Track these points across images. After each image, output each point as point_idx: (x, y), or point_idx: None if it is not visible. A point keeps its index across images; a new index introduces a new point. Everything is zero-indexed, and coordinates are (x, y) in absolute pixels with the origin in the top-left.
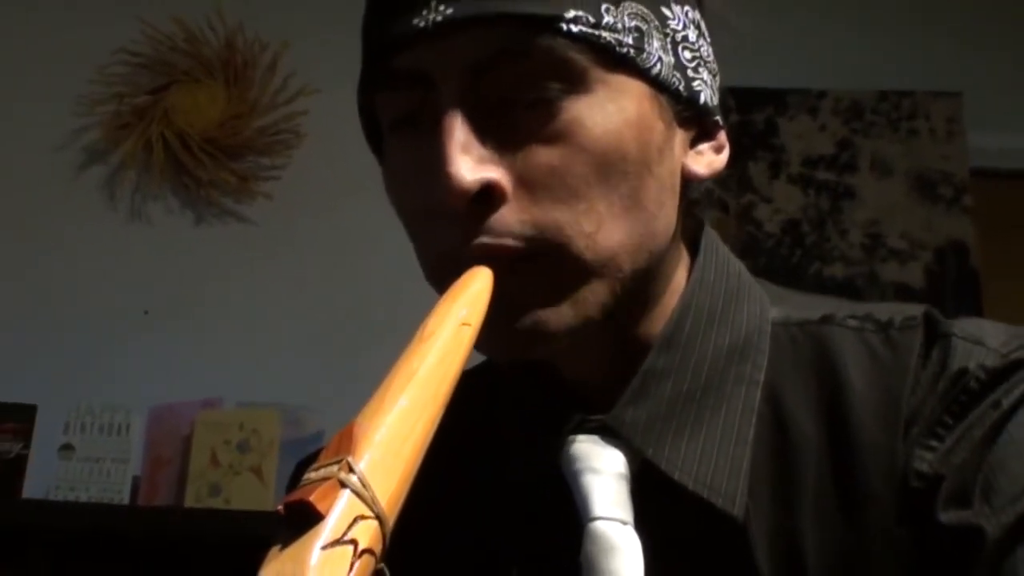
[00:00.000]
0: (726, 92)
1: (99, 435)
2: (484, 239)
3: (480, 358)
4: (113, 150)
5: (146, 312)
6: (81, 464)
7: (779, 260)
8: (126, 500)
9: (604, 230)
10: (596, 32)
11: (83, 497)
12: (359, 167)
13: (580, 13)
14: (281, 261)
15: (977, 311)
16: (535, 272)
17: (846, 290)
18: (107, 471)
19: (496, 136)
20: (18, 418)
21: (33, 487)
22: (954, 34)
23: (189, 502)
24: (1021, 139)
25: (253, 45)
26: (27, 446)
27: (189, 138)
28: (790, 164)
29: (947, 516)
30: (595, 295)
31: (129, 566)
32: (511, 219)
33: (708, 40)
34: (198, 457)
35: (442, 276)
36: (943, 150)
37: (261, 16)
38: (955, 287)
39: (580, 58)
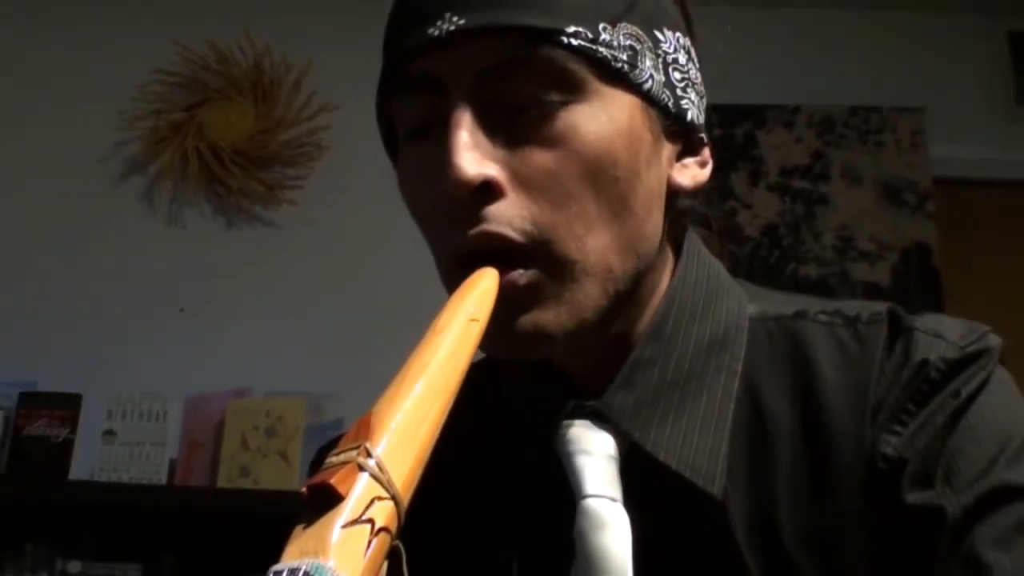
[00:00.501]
0: (710, 108)
1: (139, 421)
2: (484, 227)
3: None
4: (152, 161)
5: (182, 309)
6: (122, 448)
7: (759, 261)
8: (164, 480)
9: (593, 233)
10: (593, 47)
11: (124, 478)
12: (375, 177)
13: (579, 29)
14: (305, 262)
15: (939, 307)
16: (532, 269)
17: (820, 288)
18: (146, 454)
19: (499, 137)
20: (65, 406)
21: (79, 469)
22: (917, 55)
23: (221, 482)
24: (979, 150)
25: (279, 66)
26: (73, 432)
27: (221, 150)
28: (768, 173)
29: (911, 496)
30: (589, 298)
31: (166, 541)
32: (509, 212)
33: (697, 65)
34: (229, 441)
35: (452, 275)
36: (908, 160)
37: (286, 40)
38: (919, 285)
39: (578, 69)
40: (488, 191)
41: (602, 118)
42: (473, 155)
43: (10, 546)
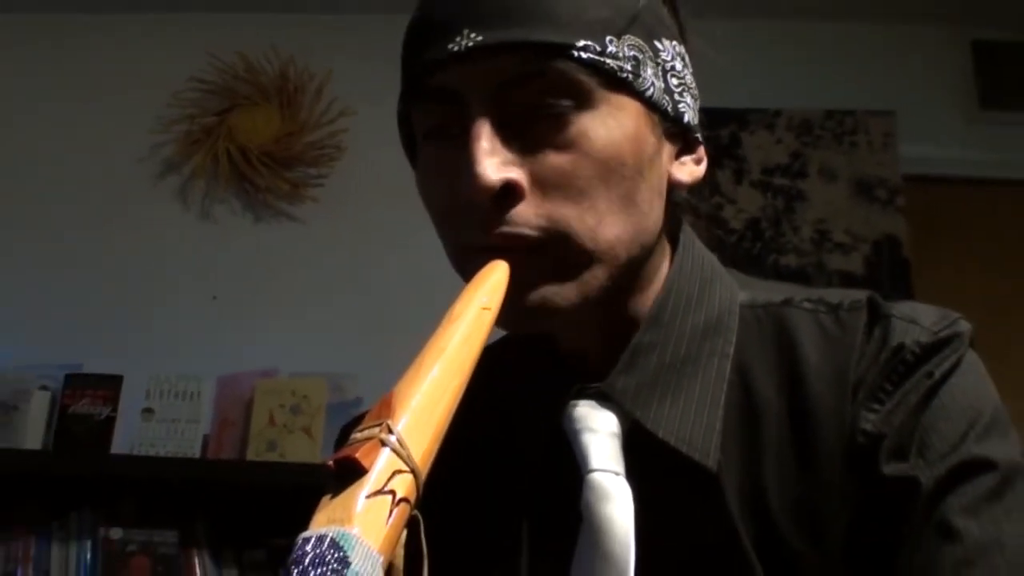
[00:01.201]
0: (704, 113)
1: (175, 400)
2: (504, 229)
3: (496, 336)
4: (186, 162)
5: (214, 297)
6: (160, 424)
7: (743, 252)
8: (197, 454)
9: (604, 224)
10: (601, 59)
11: (161, 452)
12: (390, 176)
13: (588, 43)
14: (326, 254)
15: (908, 294)
16: (545, 258)
17: (798, 277)
18: (181, 430)
19: (516, 143)
20: (107, 386)
21: (120, 444)
22: (888, 63)
23: (250, 456)
24: (945, 150)
25: (302, 75)
26: (115, 410)
27: (249, 152)
28: (751, 172)
29: (888, 468)
30: (596, 278)
31: (200, 510)
32: (528, 213)
33: (691, 70)
34: (257, 418)
35: (465, 265)
36: (879, 159)
37: (309, 51)
38: (890, 274)
39: (587, 80)
40: (508, 194)
41: (610, 123)
42: (493, 161)
43: (57, 515)
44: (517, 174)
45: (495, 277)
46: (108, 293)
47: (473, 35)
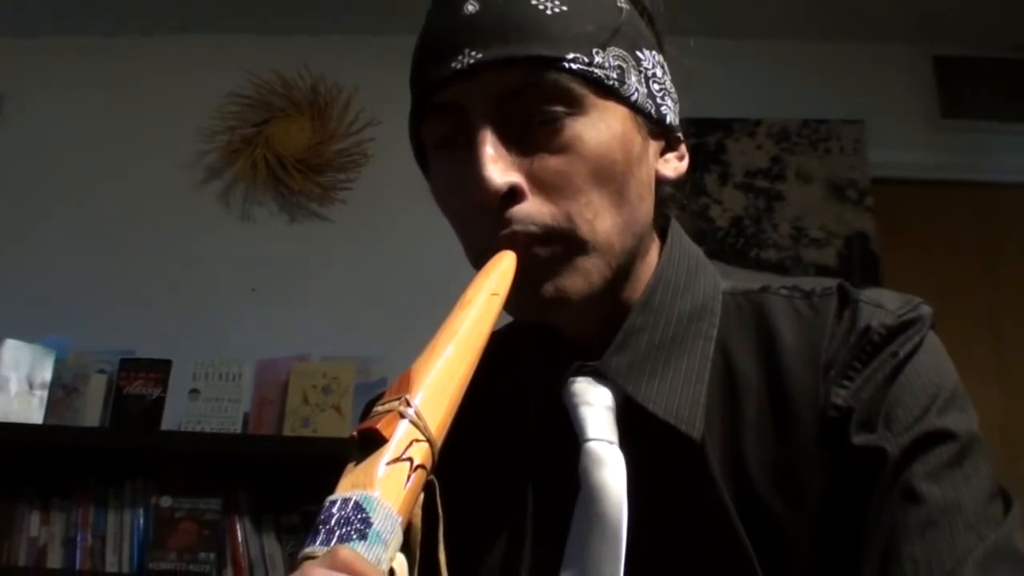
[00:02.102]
0: (687, 122)
1: (218, 382)
2: (512, 228)
3: (504, 321)
4: (227, 168)
5: (253, 289)
6: (205, 404)
7: (727, 247)
8: (239, 430)
9: (600, 218)
10: (589, 69)
11: (206, 428)
12: (411, 180)
13: (577, 55)
14: (354, 250)
15: (877, 284)
16: (550, 250)
17: (777, 269)
18: (224, 409)
19: (516, 149)
20: (157, 370)
21: (169, 421)
22: (858, 76)
23: (286, 431)
24: (909, 155)
25: (332, 90)
26: (164, 391)
27: (284, 159)
28: (735, 175)
29: (857, 439)
30: (597, 268)
31: (241, 480)
32: (531, 211)
33: (670, 76)
34: (293, 398)
35: (480, 259)
36: (850, 163)
37: (338, 68)
38: (860, 266)
39: (578, 88)
40: (513, 195)
41: (600, 127)
42: (497, 167)
43: (112, 485)
44: (519, 177)
45: (503, 265)
46: (158, 286)
47: (473, 53)
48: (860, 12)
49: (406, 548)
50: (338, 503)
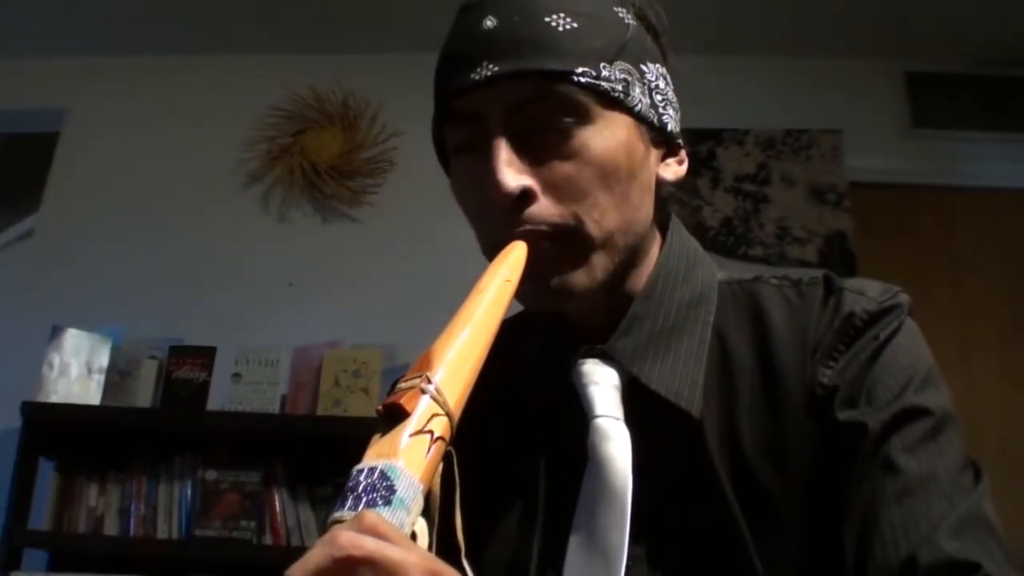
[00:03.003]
0: (683, 131)
1: (258, 367)
2: (525, 226)
3: (516, 309)
4: (267, 174)
5: (290, 284)
6: (246, 386)
7: (718, 245)
8: (277, 410)
9: (605, 218)
10: (597, 82)
11: (247, 409)
12: (432, 184)
13: (586, 69)
14: (381, 247)
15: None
16: (560, 249)
17: (764, 265)
18: (264, 391)
19: (529, 155)
20: (203, 356)
21: (214, 403)
22: (836, 90)
23: (320, 411)
24: (883, 162)
25: (360, 103)
26: (209, 375)
27: (318, 166)
28: (725, 179)
29: (841, 415)
30: (601, 263)
31: (279, 456)
32: (542, 212)
33: (672, 88)
34: (326, 381)
35: (492, 250)
36: (829, 169)
37: (366, 85)
38: (839, 263)
39: (586, 99)
40: (525, 197)
41: (606, 135)
42: (511, 170)
43: (163, 460)
44: (531, 180)
45: (514, 255)
46: (204, 281)
47: (491, 66)
48: (838, 31)
49: (427, 513)
50: (365, 472)
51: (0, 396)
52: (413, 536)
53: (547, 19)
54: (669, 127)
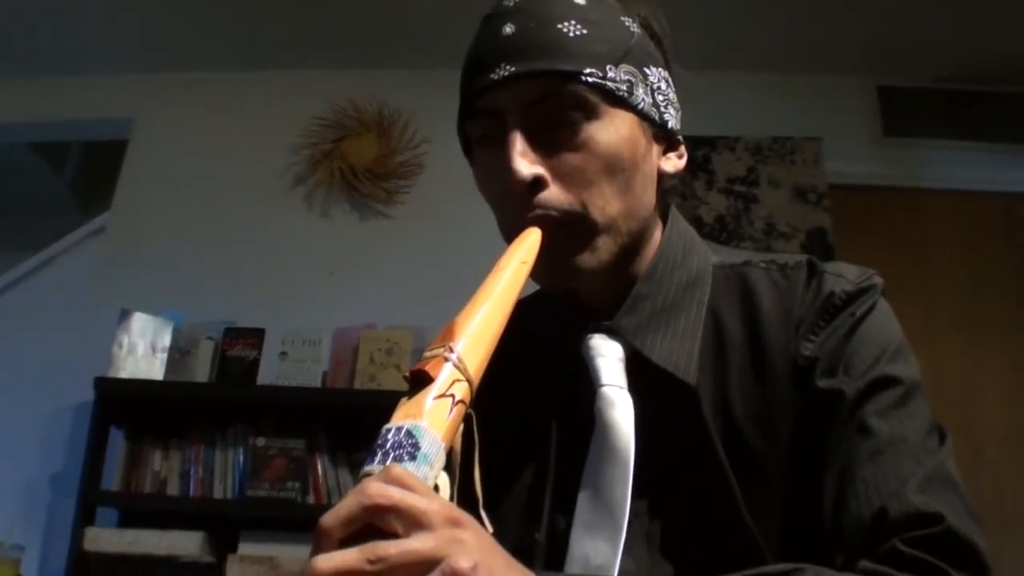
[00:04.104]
0: (684, 138)
1: (302, 346)
2: (537, 211)
3: (532, 288)
4: (311, 176)
5: (331, 273)
6: (292, 364)
7: (713, 239)
8: (319, 385)
9: (609, 204)
10: (603, 82)
11: (293, 383)
12: (457, 184)
13: (593, 70)
14: (412, 240)
15: None
16: (569, 232)
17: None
18: (307, 368)
19: (541, 147)
20: (254, 337)
21: (263, 378)
22: (816, 102)
23: (357, 386)
24: (858, 166)
25: (394, 113)
26: (259, 353)
27: (356, 169)
28: (719, 181)
29: (821, 383)
30: (607, 246)
31: (321, 425)
32: (552, 198)
33: (673, 89)
34: (362, 358)
35: (509, 234)
36: (811, 172)
37: (399, 97)
38: (819, 256)
39: (593, 98)
40: (538, 184)
41: (611, 130)
42: (525, 160)
43: (219, 429)
44: (543, 170)
45: (530, 239)
46: (255, 270)
47: (508, 67)
48: (818, 51)
49: (448, 468)
50: (392, 430)
51: (76, 373)
52: (436, 488)
53: (559, 26)
54: (670, 124)
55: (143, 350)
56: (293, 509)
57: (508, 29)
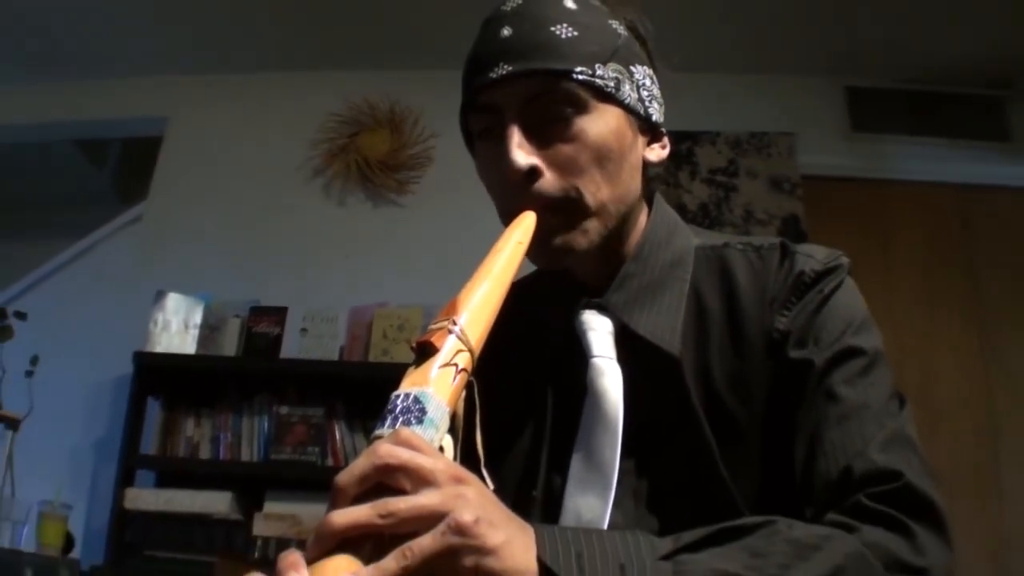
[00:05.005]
0: (668, 132)
1: (321, 323)
2: (532, 197)
3: (528, 269)
4: (328, 168)
5: (347, 256)
6: (312, 339)
7: (696, 225)
8: (336, 358)
9: (599, 191)
10: (592, 79)
11: (313, 357)
12: (463, 175)
13: (583, 69)
14: (422, 226)
15: None
16: (562, 216)
17: None
18: (326, 343)
19: (536, 139)
20: (277, 315)
21: (286, 352)
22: (790, 100)
23: (371, 359)
24: (828, 158)
25: (405, 110)
26: (282, 330)
27: (370, 161)
28: (701, 172)
29: (793, 354)
30: (596, 228)
31: (338, 394)
32: (547, 186)
33: (658, 86)
34: (376, 334)
35: (507, 217)
36: (785, 164)
37: (409, 95)
38: (792, 240)
39: (584, 94)
40: (533, 173)
41: (600, 123)
42: (522, 151)
43: (246, 398)
44: (538, 160)
45: (526, 222)
46: (278, 255)
47: (506, 67)
48: (792, 53)
49: (452, 431)
50: (401, 396)
51: (116, 348)
52: (441, 449)
53: (552, 28)
54: (654, 118)
55: (176, 327)
56: (313, 471)
57: (506, 32)
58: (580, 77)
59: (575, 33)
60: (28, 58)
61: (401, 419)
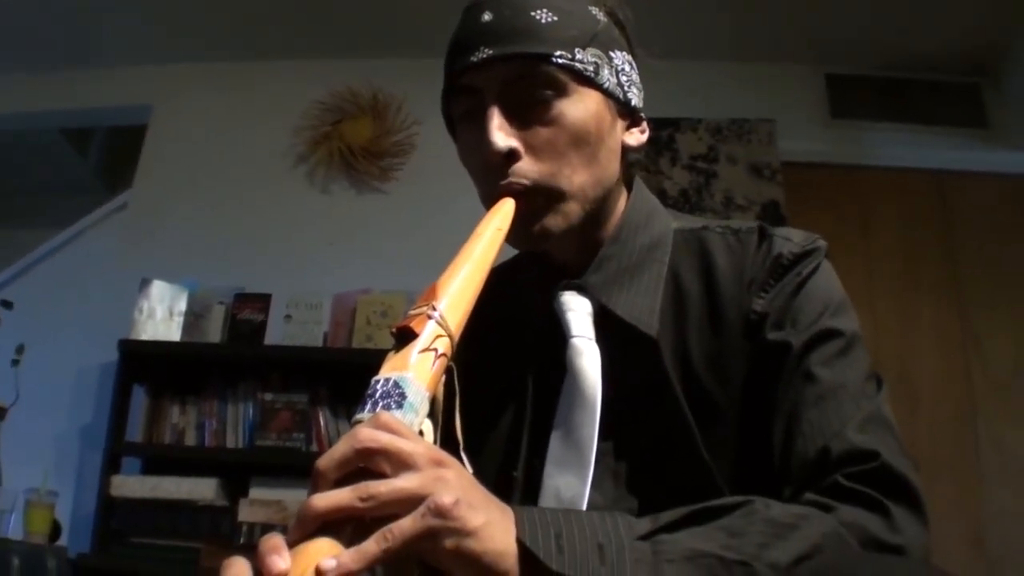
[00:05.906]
0: (649, 119)
1: (305, 309)
2: (511, 179)
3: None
4: (312, 155)
5: (330, 243)
6: (296, 325)
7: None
8: (320, 344)
9: (577, 174)
10: (572, 63)
11: (297, 343)
12: (445, 162)
13: (563, 52)
14: (404, 213)
15: None
16: (539, 199)
17: None
18: (310, 329)
19: (516, 122)
20: (261, 301)
21: (270, 338)
22: (770, 87)
23: (355, 344)
24: (807, 145)
25: (387, 98)
26: (266, 316)
27: (353, 148)
28: (682, 158)
29: (771, 335)
30: (573, 211)
31: (322, 380)
32: (525, 168)
33: (637, 71)
34: (359, 320)
35: (488, 203)
36: (765, 150)
37: (391, 82)
38: (773, 226)
39: (563, 77)
40: (512, 155)
41: (579, 106)
42: (502, 133)
43: (230, 384)
44: (517, 143)
45: (505, 208)
46: (262, 242)
47: (487, 50)
48: (772, 41)
49: (432, 415)
50: (381, 381)
51: (101, 336)
52: (421, 433)
53: (532, 13)
54: (633, 102)
55: (162, 314)
56: (298, 457)
57: (486, 16)
58: (560, 61)
59: (555, 18)
60: (12, 47)
61: (381, 403)
